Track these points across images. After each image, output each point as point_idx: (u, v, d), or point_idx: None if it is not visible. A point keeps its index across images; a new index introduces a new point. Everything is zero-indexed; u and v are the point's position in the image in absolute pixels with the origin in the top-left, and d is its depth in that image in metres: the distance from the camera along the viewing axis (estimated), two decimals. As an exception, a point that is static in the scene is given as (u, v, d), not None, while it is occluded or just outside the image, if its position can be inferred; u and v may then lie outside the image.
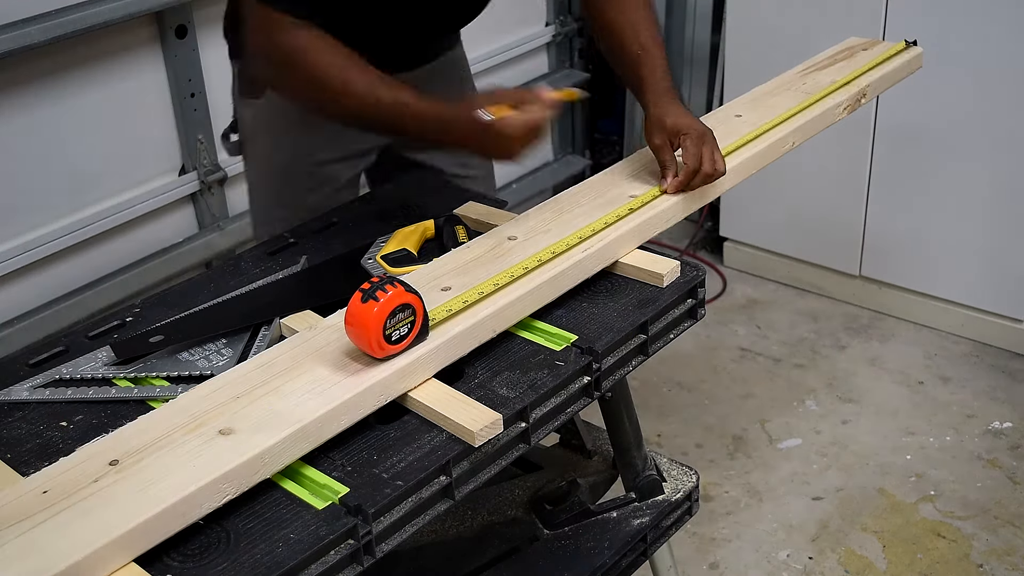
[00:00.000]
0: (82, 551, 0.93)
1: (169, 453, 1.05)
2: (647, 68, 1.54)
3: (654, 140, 1.50)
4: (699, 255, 3.32)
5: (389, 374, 1.15)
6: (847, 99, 1.76)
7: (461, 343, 1.23)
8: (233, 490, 1.03)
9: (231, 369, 1.19)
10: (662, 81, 1.53)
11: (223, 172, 2.53)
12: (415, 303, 1.17)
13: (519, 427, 1.18)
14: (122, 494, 1.00)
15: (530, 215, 1.47)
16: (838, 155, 2.86)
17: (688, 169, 1.47)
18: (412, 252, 1.44)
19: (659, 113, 1.49)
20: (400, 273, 1.37)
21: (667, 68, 1.55)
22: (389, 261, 1.42)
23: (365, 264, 1.44)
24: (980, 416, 2.58)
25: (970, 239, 2.77)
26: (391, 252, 1.43)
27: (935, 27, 2.59)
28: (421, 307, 1.17)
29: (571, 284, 1.35)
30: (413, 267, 1.39)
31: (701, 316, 1.41)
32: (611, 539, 1.50)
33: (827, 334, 2.93)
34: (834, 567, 2.18)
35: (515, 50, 3.22)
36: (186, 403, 1.14)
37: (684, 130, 1.47)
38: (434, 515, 1.11)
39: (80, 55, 2.24)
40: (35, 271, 2.29)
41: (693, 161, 1.46)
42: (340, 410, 1.11)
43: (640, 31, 1.56)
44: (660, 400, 2.69)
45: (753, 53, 2.92)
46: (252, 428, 1.08)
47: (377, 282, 1.15)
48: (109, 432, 1.12)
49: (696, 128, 1.48)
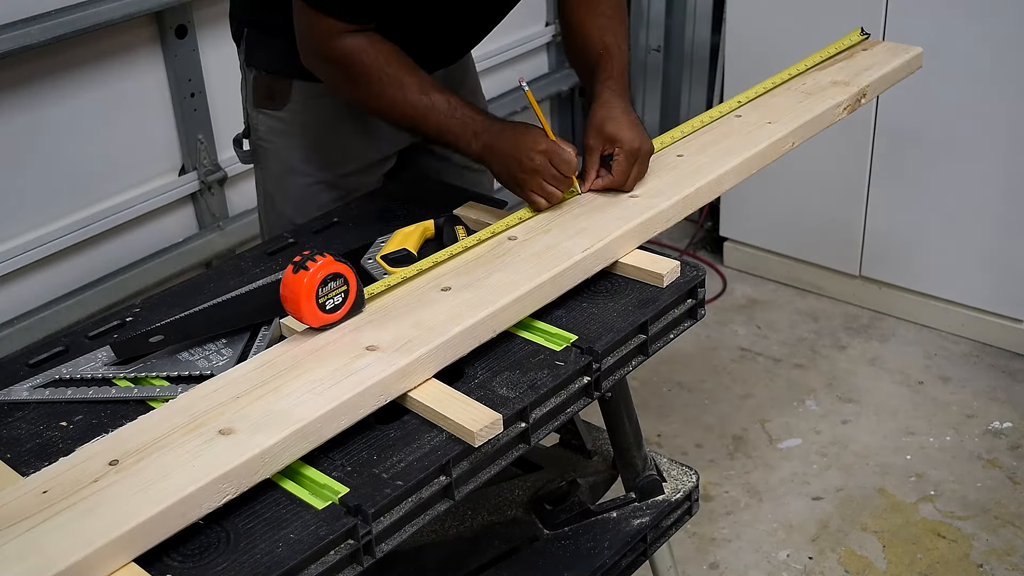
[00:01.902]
0: (82, 551, 0.93)
1: (169, 453, 1.05)
2: (604, 69, 1.54)
3: (588, 140, 1.50)
4: (699, 255, 3.32)
5: (389, 374, 1.15)
6: (847, 99, 1.76)
7: (461, 343, 1.23)
8: (233, 490, 1.03)
9: (231, 369, 1.20)
10: (616, 83, 1.53)
11: (223, 172, 2.53)
12: (347, 273, 1.21)
13: (519, 427, 1.18)
14: (122, 494, 1.00)
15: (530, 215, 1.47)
16: (838, 155, 2.86)
17: (612, 182, 1.49)
18: (412, 252, 1.44)
19: (602, 115, 1.49)
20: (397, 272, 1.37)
21: (624, 72, 1.55)
22: (389, 261, 1.42)
23: (365, 264, 1.44)
24: (980, 416, 2.58)
25: (970, 239, 2.77)
26: (391, 252, 1.44)
27: (935, 27, 2.59)
28: (354, 277, 1.21)
29: (571, 284, 1.35)
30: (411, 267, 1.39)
31: (701, 316, 1.41)
32: (611, 539, 1.50)
33: (827, 334, 2.93)
34: (834, 567, 2.18)
35: (515, 50, 3.22)
36: (186, 403, 1.14)
37: (620, 143, 1.48)
38: (434, 515, 1.11)
39: (80, 55, 2.24)
40: (35, 271, 2.29)
41: (619, 178, 1.49)
42: (340, 410, 1.11)
43: (606, 34, 1.57)
44: (660, 400, 2.69)
45: (753, 53, 2.92)
46: (252, 428, 1.08)
47: (308, 254, 1.19)
48: (109, 432, 1.12)
49: (632, 144, 1.48)
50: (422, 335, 1.21)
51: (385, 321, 1.25)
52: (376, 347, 1.19)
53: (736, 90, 2.94)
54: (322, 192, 1.73)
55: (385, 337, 1.21)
